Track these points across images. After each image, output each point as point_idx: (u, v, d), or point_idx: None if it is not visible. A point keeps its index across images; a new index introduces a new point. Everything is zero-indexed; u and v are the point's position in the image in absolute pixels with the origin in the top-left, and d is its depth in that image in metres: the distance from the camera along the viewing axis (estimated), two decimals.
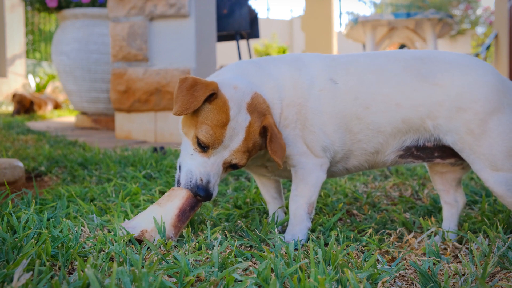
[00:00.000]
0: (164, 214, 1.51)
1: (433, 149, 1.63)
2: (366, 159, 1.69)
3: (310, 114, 1.61)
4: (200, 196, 1.50)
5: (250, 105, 1.52)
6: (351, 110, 1.61)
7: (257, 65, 1.69)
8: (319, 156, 1.64)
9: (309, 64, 1.67)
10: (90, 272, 1.04)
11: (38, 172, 2.86)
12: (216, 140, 1.48)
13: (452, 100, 1.52)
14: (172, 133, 4.84)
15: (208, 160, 1.51)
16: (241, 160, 1.53)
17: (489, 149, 1.49)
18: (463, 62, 1.57)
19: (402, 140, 1.62)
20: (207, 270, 1.23)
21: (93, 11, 5.79)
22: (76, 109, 6.34)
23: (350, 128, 1.62)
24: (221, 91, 1.51)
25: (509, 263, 1.37)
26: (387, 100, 1.58)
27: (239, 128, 1.50)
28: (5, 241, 1.38)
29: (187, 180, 1.52)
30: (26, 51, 13.45)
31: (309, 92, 1.62)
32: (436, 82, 1.54)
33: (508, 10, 8.50)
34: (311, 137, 1.62)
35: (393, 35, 7.96)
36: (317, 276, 1.15)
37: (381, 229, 1.78)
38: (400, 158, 1.67)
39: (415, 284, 1.28)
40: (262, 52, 11.58)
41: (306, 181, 1.64)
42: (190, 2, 4.71)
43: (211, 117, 1.49)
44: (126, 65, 4.88)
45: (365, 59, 1.67)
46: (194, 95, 1.46)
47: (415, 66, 1.58)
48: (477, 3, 16.43)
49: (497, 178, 1.50)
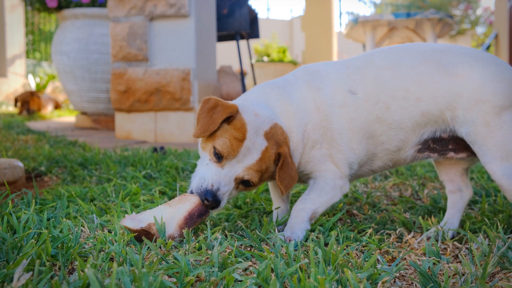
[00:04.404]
0: (173, 214, 1.53)
1: (448, 140, 1.66)
2: (390, 158, 1.73)
3: (336, 135, 1.66)
4: (208, 200, 1.52)
5: (267, 133, 1.58)
6: (373, 116, 1.64)
7: (279, 90, 1.70)
8: (344, 173, 1.69)
9: (327, 79, 1.70)
10: (90, 272, 1.04)
11: (38, 172, 2.86)
12: (231, 151, 1.53)
13: (473, 91, 1.54)
14: (172, 133, 4.84)
15: (221, 170, 1.55)
16: (253, 177, 1.57)
17: (502, 140, 1.53)
18: (483, 57, 1.60)
19: (421, 133, 1.65)
20: (207, 270, 1.23)
21: (93, 11, 5.79)
22: (76, 109, 6.34)
23: (373, 133, 1.66)
24: (241, 115, 1.57)
25: (509, 263, 1.36)
26: (407, 95, 1.61)
27: (254, 149, 1.55)
28: (5, 241, 1.38)
29: (198, 184, 1.56)
30: (26, 51, 13.45)
31: (332, 112, 1.65)
32: (457, 73, 1.57)
33: (508, 10, 8.50)
34: (339, 156, 1.68)
35: (393, 35, 7.96)
36: (317, 276, 1.15)
37: (381, 229, 1.78)
38: (418, 152, 1.70)
39: (415, 284, 1.28)
40: (262, 52, 11.57)
41: (323, 193, 1.69)
42: (190, 2, 4.71)
43: (229, 132, 1.55)
44: (126, 65, 4.88)
45: (379, 56, 1.68)
46: (212, 117, 1.54)
47: (435, 57, 1.61)
48: (477, 3, 16.42)
49: (505, 171, 1.53)
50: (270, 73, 10.91)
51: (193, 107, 4.76)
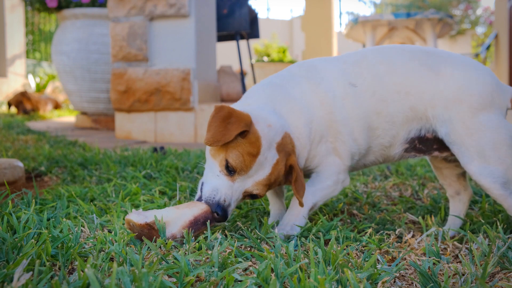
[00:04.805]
0: (179, 215, 1.54)
1: (433, 141, 1.71)
2: (382, 154, 1.78)
3: (340, 127, 1.69)
4: (218, 214, 1.53)
5: (279, 145, 1.59)
6: (371, 107, 1.69)
7: (281, 90, 1.71)
8: (346, 165, 1.73)
9: (324, 73, 1.72)
10: (90, 272, 1.04)
11: (38, 172, 2.86)
12: (244, 167, 1.53)
13: (452, 90, 1.62)
14: (172, 133, 4.84)
15: (233, 184, 1.56)
16: (261, 192, 1.58)
17: (478, 140, 1.58)
18: (464, 61, 1.69)
19: (408, 129, 1.70)
20: (207, 270, 1.23)
21: (93, 11, 5.79)
22: (76, 109, 6.34)
23: (371, 125, 1.70)
24: (255, 127, 1.55)
25: (509, 263, 1.37)
26: (399, 90, 1.67)
27: (266, 163, 1.56)
28: (5, 241, 1.38)
29: (211, 195, 1.55)
30: (26, 51, 13.45)
31: (334, 105, 1.68)
32: (440, 72, 1.65)
33: (508, 10, 8.50)
34: (343, 148, 1.71)
35: (393, 35, 7.97)
36: (317, 276, 1.15)
37: (381, 229, 1.78)
38: (406, 152, 1.75)
39: (415, 284, 1.28)
40: (262, 52, 11.56)
41: (325, 186, 1.72)
42: (190, 2, 4.71)
43: (243, 147, 1.53)
44: (126, 65, 4.88)
45: (373, 52, 1.75)
46: (227, 128, 1.50)
47: (421, 57, 1.69)
48: (477, 3, 16.42)
49: (483, 171, 1.58)
50: (270, 73, 10.91)
51: (193, 107, 4.76)
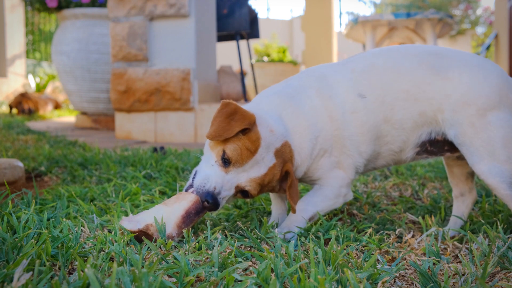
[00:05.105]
0: (171, 213, 1.53)
1: (443, 142, 1.72)
2: (392, 158, 1.79)
3: (347, 141, 1.70)
4: (208, 202, 1.54)
5: (278, 151, 1.60)
6: (381, 116, 1.68)
7: (292, 102, 1.70)
8: (350, 178, 1.74)
9: (336, 85, 1.71)
10: (90, 272, 1.04)
11: (38, 172, 2.86)
12: (240, 159, 1.54)
13: (460, 94, 1.62)
14: (172, 133, 4.84)
15: (225, 175, 1.56)
16: (253, 189, 1.59)
17: (488, 140, 1.59)
18: (473, 62, 1.67)
19: (419, 134, 1.71)
20: (207, 270, 1.23)
21: (93, 11, 5.79)
22: (76, 109, 6.34)
23: (380, 133, 1.71)
24: (257, 127, 1.57)
25: (509, 263, 1.37)
26: (407, 97, 1.67)
27: (263, 163, 1.57)
28: (5, 241, 1.38)
29: (201, 184, 1.56)
30: (26, 51, 13.44)
31: (343, 120, 1.68)
32: (447, 76, 1.64)
33: (508, 10, 8.50)
34: (348, 161, 1.72)
35: (393, 35, 7.97)
36: (317, 276, 1.15)
37: (381, 229, 1.78)
38: (417, 154, 1.76)
39: (415, 284, 1.28)
40: (262, 52, 11.56)
41: (326, 199, 1.73)
42: (190, 2, 4.71)
43: (243, 142, 1.55)
44: (126, 65, 4.88)
45: (380, 59, 1.73)
46: (230, 124, 1.54)
47: (429, 60, 1.68)
48: (477, 3, 16.41)
49: (492, 170, 1.59)
50: (270, 73, 10.90)
51: (193, 107, 4.76)
